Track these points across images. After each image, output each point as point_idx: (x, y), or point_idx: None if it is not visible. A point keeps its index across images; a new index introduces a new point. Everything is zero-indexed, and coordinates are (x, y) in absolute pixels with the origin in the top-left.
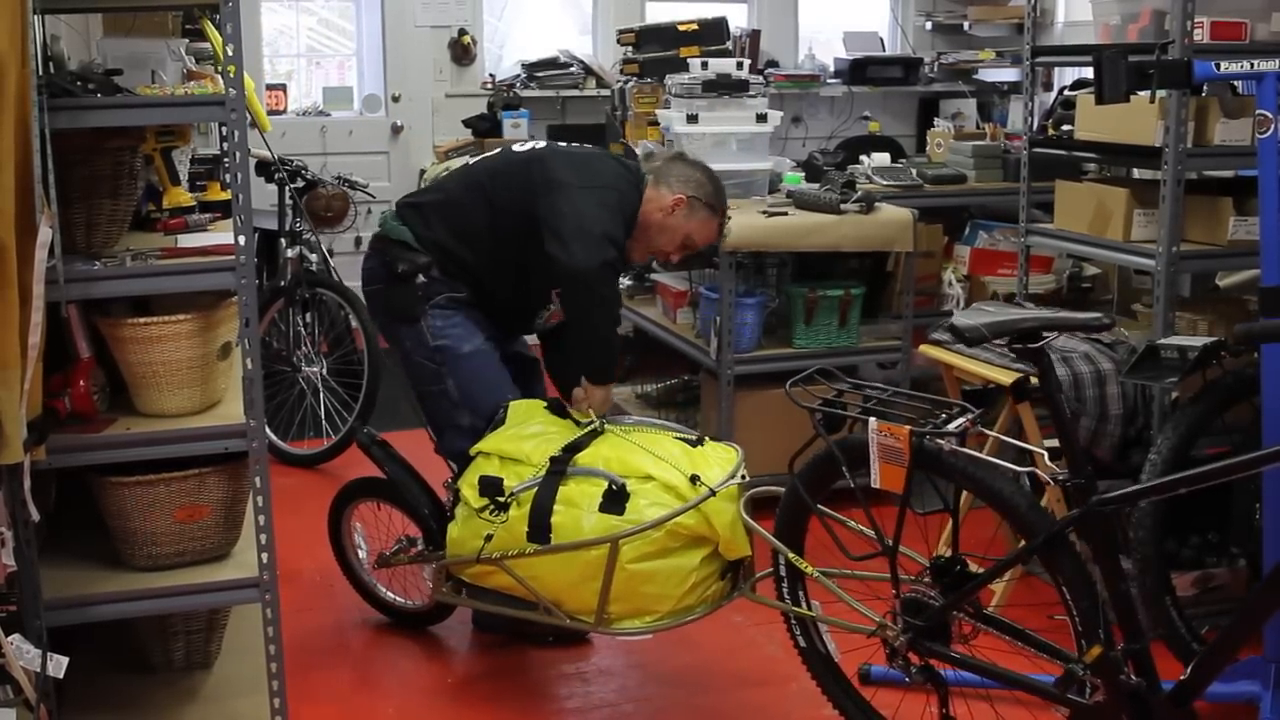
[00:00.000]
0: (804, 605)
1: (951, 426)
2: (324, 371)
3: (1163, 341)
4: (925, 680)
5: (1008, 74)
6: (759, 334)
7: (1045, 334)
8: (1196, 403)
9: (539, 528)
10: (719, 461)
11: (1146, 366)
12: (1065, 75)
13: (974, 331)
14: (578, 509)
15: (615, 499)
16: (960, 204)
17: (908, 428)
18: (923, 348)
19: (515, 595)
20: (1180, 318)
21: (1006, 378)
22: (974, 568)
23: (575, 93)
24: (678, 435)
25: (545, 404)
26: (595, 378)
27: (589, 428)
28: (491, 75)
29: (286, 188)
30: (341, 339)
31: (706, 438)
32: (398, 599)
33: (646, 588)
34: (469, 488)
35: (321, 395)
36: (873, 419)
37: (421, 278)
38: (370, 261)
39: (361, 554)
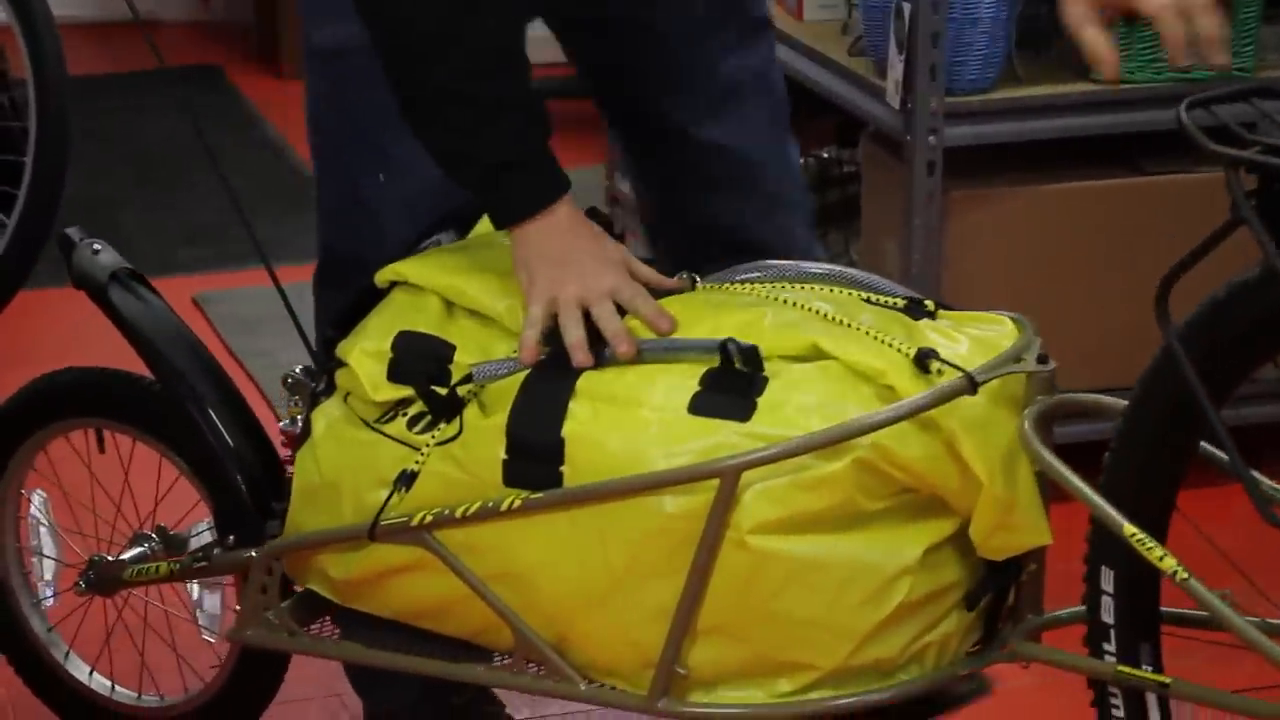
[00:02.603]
0: (1152, 668)
1: None
2: None
3: None
4: None
5: None
6: (1007, 48)
7: None
8: None
9: (535, 451)
10: (977, 343)
11: None
12: None
13: None
14: (632, 405)
15: (733, 385)
16: None
17: None
18: None
19: (452, 630)
20: None
21: None
22: None
23: None
24: (872, 295)
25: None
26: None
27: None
28: None
29: None
30: None
31: (934, 302)
32: (119, 690)
33: (791, 602)
34: (365, 359)
35: None
36: None
37: None
38: None
39: (43, 569)
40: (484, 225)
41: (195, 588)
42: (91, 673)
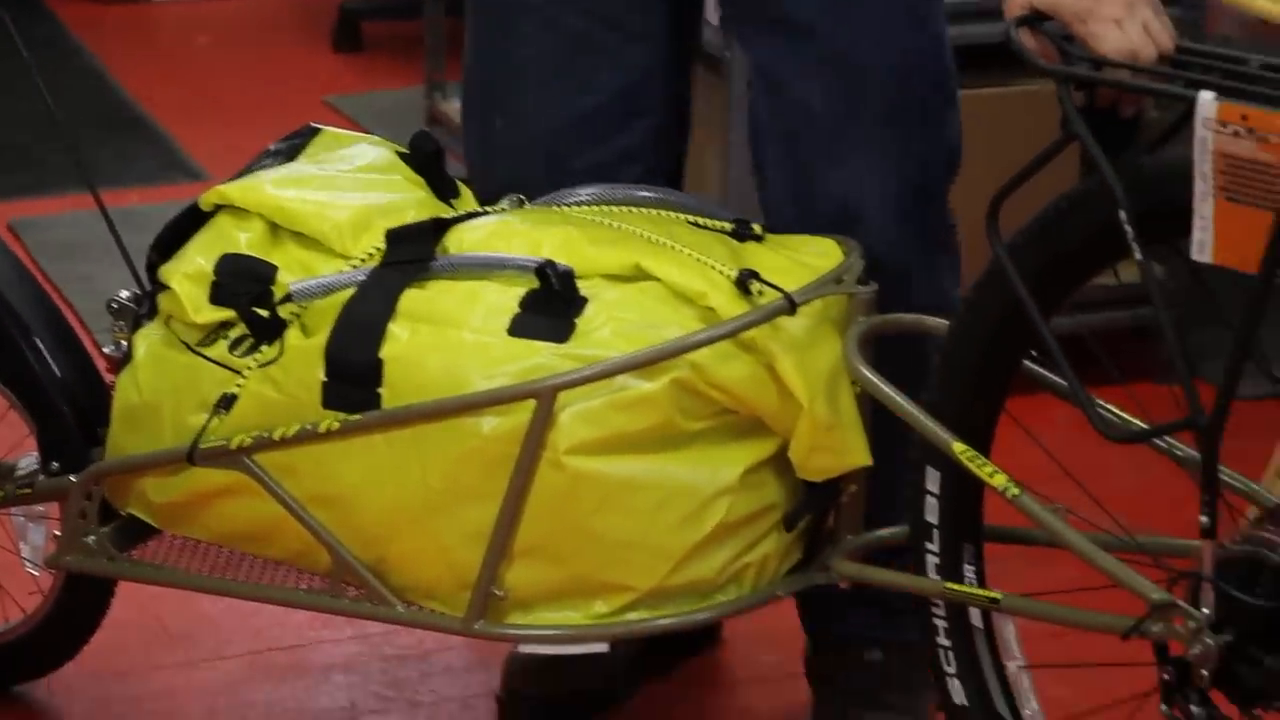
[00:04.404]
0: (976, 580)
1: None
2: None
3: None
4: None
5: None
6: None
7: None
8: None
9: (353, 372)
10: (798, 265)
11: None
12: None
13: None
14: (451, 326)
15: (550, 307)
16: None
17: None
18: None
19: (273, 554)
20: None
21: None
22: None
23: None
24: (699, 218)
25: (403, 148)
26: None
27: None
28: None
29: None
30: None
31: (760, 226)
32: None
33: (608, 522)
34: (187, 282)
35: None
36: (1206, 95)
37: None
38: None
39: None
40: (312, 148)
41: (21, 520)
42: None
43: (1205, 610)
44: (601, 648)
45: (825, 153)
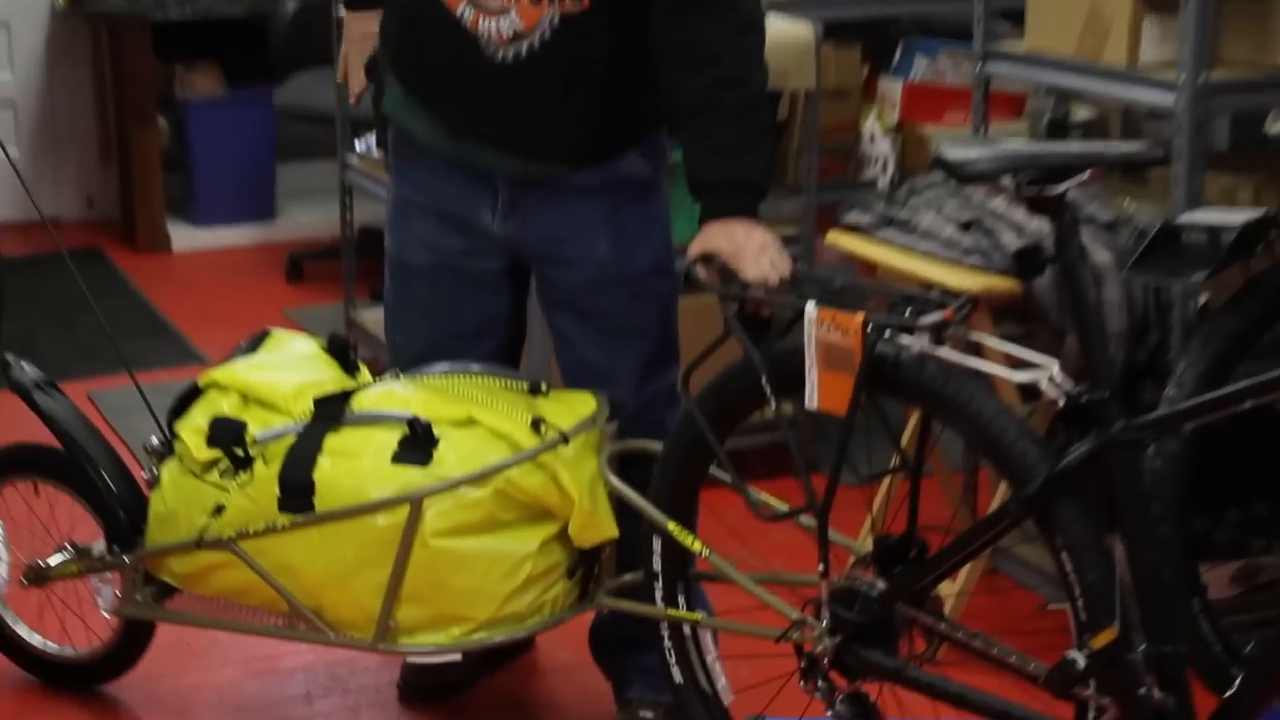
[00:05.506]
0: (687, 608)
1: (926, 320)
2: None
3: (1187, 219)
4: (855, 714)
5: None
6: None
7: (1072, 174)
8: (1236, 309)
9: (297, 489)
10: (570, 411)
11: (1162, 256)
12: None
13: (973, 167)
14: (357, 458)
15: (417, 445)
16: (888, 14)
17: (860, 314)
18: (832, 236)
19: (252, 603)
20: (1213, 181)
21: (965, 279)
22: None
23: None
24: (510, 383)
25: (325, 343)
26: (744, 196)
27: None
28: None
29: None
30: None
31: (547, 384)
32: (49, 644)
33: (458, 579)
34: (191, 433)
35: None
36: (811, 304)
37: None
38: None
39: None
40: (268, 343)
41: (96, 581)
42: (30, 632)
43: (824, 622)
44: (457, 657)
45: (596, 384)
